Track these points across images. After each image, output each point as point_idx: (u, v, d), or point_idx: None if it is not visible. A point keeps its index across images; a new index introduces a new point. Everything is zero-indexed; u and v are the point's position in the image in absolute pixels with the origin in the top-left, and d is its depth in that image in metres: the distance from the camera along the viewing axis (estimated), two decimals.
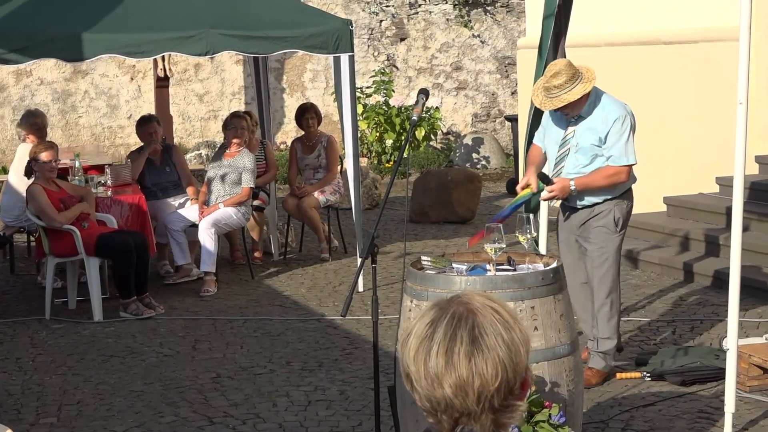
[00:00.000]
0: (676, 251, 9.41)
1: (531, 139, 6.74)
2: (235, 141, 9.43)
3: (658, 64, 11.16)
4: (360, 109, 15.01)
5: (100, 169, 10.00)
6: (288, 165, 10.67)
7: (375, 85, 16.06)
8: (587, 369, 6.07)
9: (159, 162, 9.64)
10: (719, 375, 5.97)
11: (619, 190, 6.13)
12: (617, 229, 6.13)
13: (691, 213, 9.86)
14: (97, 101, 16.45)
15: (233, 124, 9.51)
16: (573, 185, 5.95)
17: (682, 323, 7.63)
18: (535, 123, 6.81)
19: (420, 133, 15.83)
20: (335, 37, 8.69)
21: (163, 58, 12.18)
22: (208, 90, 16.87)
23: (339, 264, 9.94)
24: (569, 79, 5.85)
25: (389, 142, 15.70)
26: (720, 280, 8.44)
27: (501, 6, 17.61)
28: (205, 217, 9.11)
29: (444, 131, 17.44)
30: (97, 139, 16.31)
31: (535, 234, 5.17)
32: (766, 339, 6.56)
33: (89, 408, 6.15)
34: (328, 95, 16.56)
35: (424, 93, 5.29)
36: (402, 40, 17.45)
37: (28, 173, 8.42)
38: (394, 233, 11.46)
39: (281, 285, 9.21)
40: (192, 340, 7.55)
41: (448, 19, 17.52)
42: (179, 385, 6.51)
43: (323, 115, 11.44)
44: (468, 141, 16.64)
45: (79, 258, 8.23)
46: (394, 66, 17.38)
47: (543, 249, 7.08)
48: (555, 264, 4.83)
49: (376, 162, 15.77)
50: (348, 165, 8.97)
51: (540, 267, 4.84)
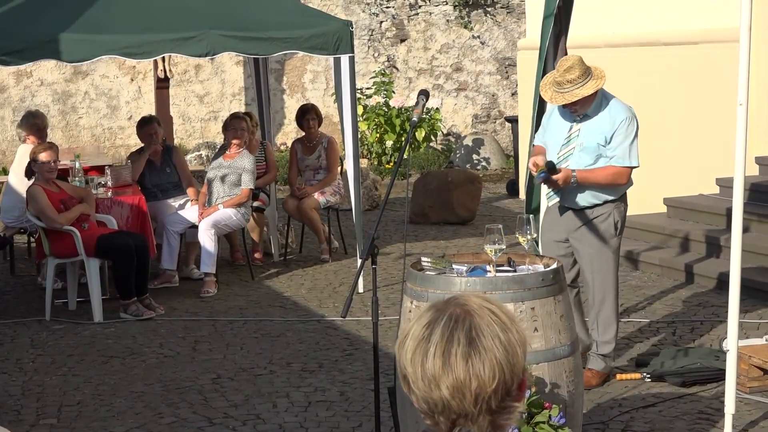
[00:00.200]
0: (676, 252, 9.41)
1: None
2: (235, 142, 9.43)
3: (658, 65, 11.16)
4: (360, 110, 15.01)
5: (100, 170, 10.00)
6: (288, 166, 10.67)
7: (375, 86, 16.07)
8: (587, 370, 6.06)
9: (159, 163, 9.64)
10: (719, 376, 5.97)
11: (619, 192, 6.13)
12: (617, 233, 6.14)
13: (692, 214, 9.86)
14: (98, 102, 16.45)
15: (233, 125, 9.51)
16: (575, 176, 5.91)
17: (682, 324, 7.63)
18: (540, 123, 6.78)
19: (420, 134, 15.84)
20: (335, 38, 8.69)
21: (164, 59, 12.18)
22: (208, 91, 16.87)
23: (339, 265, 9.94)
24: (582, 74, 5.81)
25: (389, 143, 15.70)
26: (720, 281, 8.44)
27: (501, 7, 17.62)
28: (205, 218, 9.10)
29: (444, 132, 17.44)
30: (98, 140, 16.31)
31: (535, 235, 5.16)
32: (766, 340, 6.57)
33: (89, 409, 6.15)
34: (328, 96, 16.56)
35: (424, 94, 5.29)
36: (402, 41, 17.45)
37: (28, 174, 8.42)
38: (394, 234, 11.46)
39: (281, 286, 9.21)
40: (192, 341, 7.55)
41: (448, 20, 17.52)
42: (179, 386, 6.51)
43: (323, 117, 11.43)
44: (468, 142, 16.64)
45: (80, 259, 8.23)
46: (394, 67, 17.38)
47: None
48: (555, 265, 4.83)
49: (376, 163, 15.77)
50: (348, 166, 8.97)
51: (540, 268, 4.84)
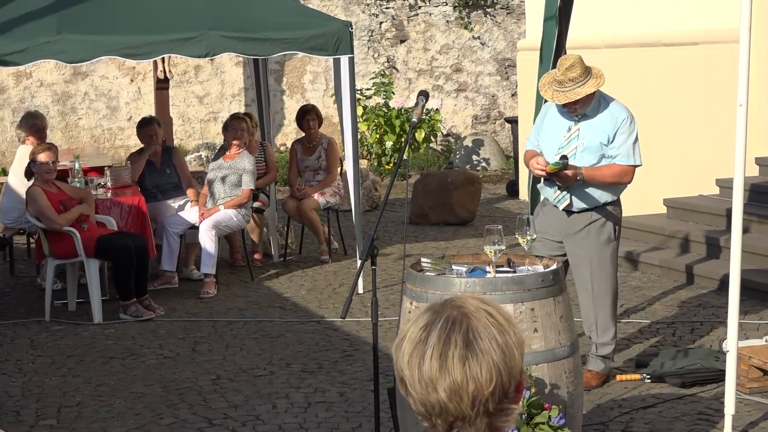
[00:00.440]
0: (676, 253, 9.41)
1: None
2: (235, 143, 9.42)
3: (658, 65, 11.16)
4: (360, 111, 15.00)
5: (99, 171, 10.00)
6: (288, 167, 10.67)
7: (375, 87, 16.06)
8: (586, 371, 6.05)
9: (159, 164, 9.63)
10: (719, 377, 5.97)
11: (618, 192, 6.11)
12: (616, 236, 6.12)
13: (692, 215, 9.85)
14: (97, 103, 16.44)
15: (233, 125, 9.51)
16: (582, 173, 5.86)
17: (682, 325, 7.63)
18: None
19: (420, 135, 15.83)
20: (335, 39, 8.69)
21: (163, 59, 12.17)
22: (208, 92, 16.87)
23: (339, 266, 9.94)
24: (583, 73, 5.77)
25: (389, 143, 15.69)
26: (720, 281, 8.44)
27: (501, 8, 17.62)
28: (206, 219, 9.10)
29: (444, 133, 17.43)
30: (97, 141, 16.30)
31: (535, 236, 5.15)
32: (766, 341, 6.56)
33: (89, 410, 6.14)
34: (328, 97, 16.56)
35: (423, 95, 5.28)
36: (402, 41, 17.45)
37: (28, 175, 8.42)
38: (393, 235, 11.45)
39: (281, 287, 9.20)
40: (192, 341, 7.55)
41: (448, 21, 17.51)
42: (179, 387, 6.51)
43: (323, 117, 11.43)
44: (468, 143, 16.63)
45: (79, 260, 8.22)
46: (394, 68, 17.38)
47: None
48: (555, 266, 4.82)
49: (376, 164, 15.77)
50: (348, 167, 8.97)
51: (540, 269, 4.83)
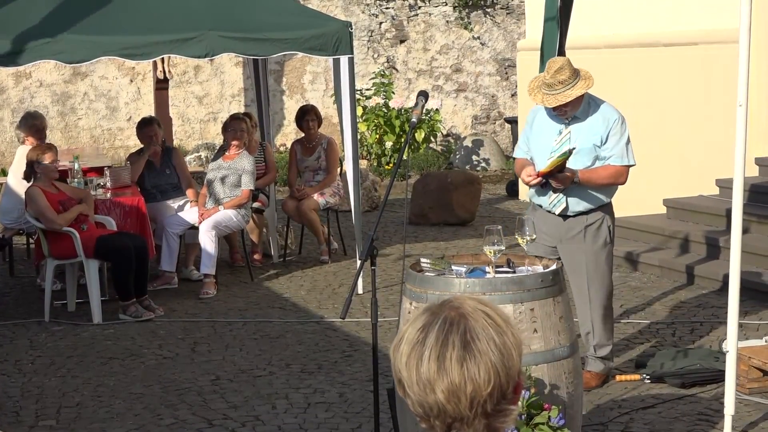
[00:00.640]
0: (675, 253, 9.40)
1: None
2: (235, 143, 9.42)
3: (658, 66, 11.15)
4: (360, 111, 14.99)
5: (99, 171, 10.00)
6: (288, 167, 10.66)
7: (375, 87, 16.05)
8: (585, 372, 6.04)
9: (159, 164, 9.62)
10: (719, 377, 5.97)
11: (612, 194, 6.06)
12: (611, 239, 6.09)
13: (691, 215, 9.85)
14: (97, 103, 16.44)
15: (232, 126, 9.50)
16: (578, 176, 5.83)
17: (681, 325, 7.63)
18: None
19: (420, 135, 15.83)
20: (335, 39, 8.68)
21: (163, 60, 12.16)
22: (207, 92, 16.86)
23: (338, 266, 9.93)
24: (572, 75, 5.74)
25: (389, 144, 15.69)
26: (720, 282, 8.44)
27: (501, 8, 17.61)
28: (206, 220, 9.10)
29: (444, 133, 17.43)
30: (97, 141, 16.30)
31: (535, 236, 5.14)
32: (765, 341, 6.56)
33: (88, 410, 6.14)
34: (327, 97, 16.55)
35: (423, 95, 5.28)
36: (402, 42, 17.44)
37: (27, 177, 8.39)
38: (393, 235, 11.45)
39: (281, 287, 9.20)
40: (191, 342, 7.54)
41: (447, 21, 17.51)
42: (178, 388, 6.50)
43: (323, 117, 11.43)
44: (468, 143, 16.63)
45: (79, 260, 8.22)
46: (393, 68, 17.37)
47: None
48: (554, 266, 4.82)
49: (375, 164, 15.76)
50: (348, 167, 8.96)
51: (539, 269, 4.83)
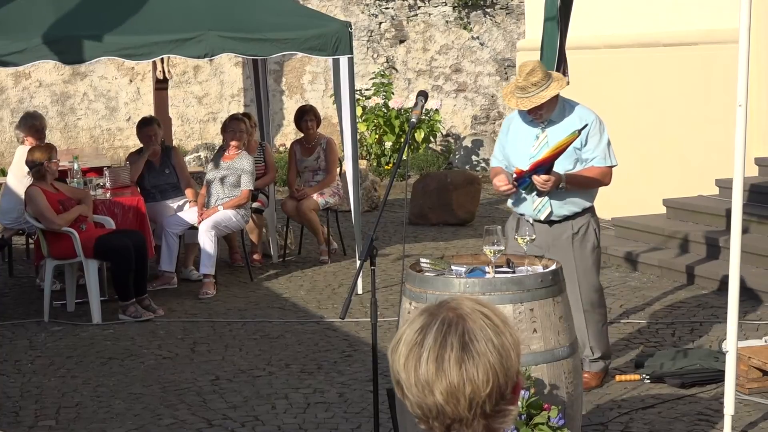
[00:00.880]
0: (675, 253, 9.40)
1: None
2: (234, 143, 9.42)
3: (657, 66, 11.15)
4: (359, 111, 14.99)
5: (98, 172, 10.00)
6: (287, 167, 10.66)
7: (374, 87, 16.05)
8: (584, 372, 6.03)
9: (158, 164, 9.62)
10: (719, 377, 5.97)
11: (594, 198, 5.96)
12: (598, 242, 6.01)
13: (691, 215, 9.85)
14: (96, 103, 16.43)
15: (232, 126, 9.50)
16: (564, 180, 5.72)
17: (681, 325, 7.62)
18: None
19: (419, 136, 15.82)
20: (334, 39, 8.68)
21: (162, 60, 12.16)
22: (207, 92, 16.86)
23: (338, 266, 9.93)
24: (544, 77, 5.65)
25: (388, 144, 15.69)
26: (719, 282, 8.43)
27: (500, 8, 17.61)
28: (205, 220, 9.09)
29: (443, 133, 17.42)
30: (96, 142, 16.29)
31: (534, 236, 5.14)
32: (765, 341, 6.56)
33: (88, 410, 6.14)
34: (327, 97, 16.55)
35: (423, 95, 5.28)
36: (401, 42, 17.44)
37: (42, 176, 8.24)
38: (393, 235, 11.45)
39: (280, 287, 9.20)
40: (191, 342, 7.54)
41: (447, 21, 17.51)
42: (178, 388, 6.50)
43: (322, 118, 11.43)
44: (467, 143, 16.63)
45: (78, 260, 8.22)
46: (393, 68, 17.37)
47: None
48: (554, 266, 4.81)
49: (375, 164, 15.76)
50: (347, 167, 8.96)
51: (539, 269, 4.82)
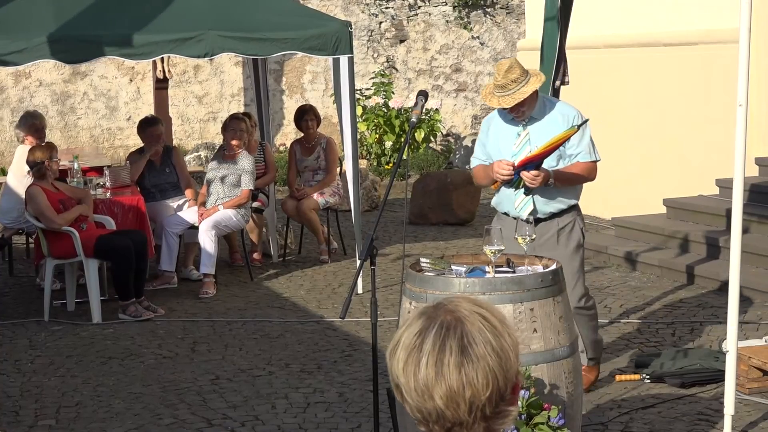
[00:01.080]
0: (675, 253, 9.40)
1: None
2: (234, 143, 9.42)
3: (657, 66, 11.15)
4: (359, 111, 14.99)
5: (98, 171, 10.00)
6: (287, 167, 10.66)
7: (374, 87, 16.05)
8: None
9: (159, 163, 9.61)
10: (719, 377, 5.97)
11: (578, 196, 5.90)
12: (584, 240, 5.95)
13: (691, 215, 9.85)
14: (96, 103, 16.43)
15: (232, 126, 9.50)
16: (552, 176, 5.64)
17: (681, 325, 7.62)
18: None
19: (419, 135, 15.82)
20: (334, 39, 8.68)
21: (162, 59, 12.17)
22: (207, 92, 16.86)
23: (338, 266, 9.93)
24: (523, 73, 5.55)
25: (389, 143, 15.69)
26: (720, 282, 8.43)
27: (501, 8, 17.61)
28: (205, 219, 9.09)
29: (443, 133, 17.42)
30: (96, 141, 16.29)
31: (534, 236, 5.14)
32: (765, 341, 6.56)
33: (88, 410, 6.14)
34: (327, 97, 16.55)
35: (423, 95, 5.27)
36: (401, 41, 17.44)
37: (42, 175, 8.25)
38: (393, 235, 11.45)
39: (280, 287, 9.19)
40: (191, 342, 7.54)
41: (447, 21, 17.51)
42: (178, 387, 6.50)
43: (322, 117, 11.42)
44: (468, 143, 16.62)
45: (78, 260, 8.21)
46: (393, 68, 17.37)
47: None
48: (554, 266, 4.81)
49: (375, 164, 15.76)
50: (347, 167, 8.96)
51: (539, 269, 4.82)
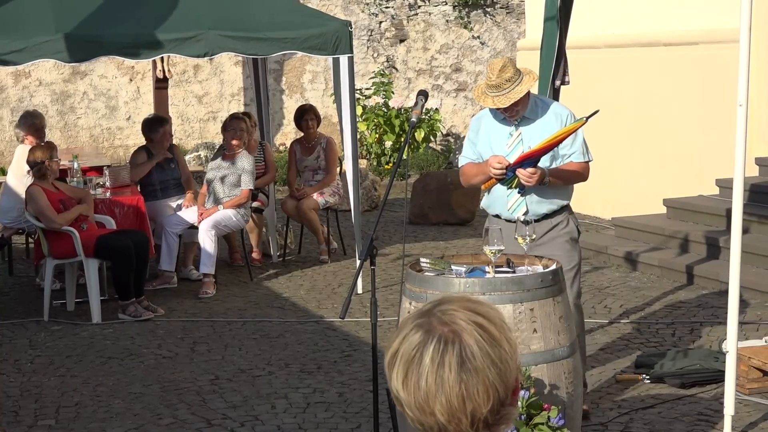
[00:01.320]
0: (675, 253, 9.40)
1: None
2: (234, 143, 9.41)
3: (658, 65, 11.14)
4: (359, 111, 14.99)
5: (98, 171, 9.99)
6: (287, 167, 10.65)
7: (374, 87, 16.05)
8: None
9: (164, 160, 9.59)
10: (719, 377, 5.96)
11: (570, 196, 5.83)
12: (578, 238, 5.89)
13: (691, 215, 9.85)
14: (96, 102, 16.43)
15: (232, 125, 9.50)
16: (548, 174, 5.55)
17: (681, 325, 7.62)
18: None
19: (419, 135, 15.82)
20: (334, 39, 8.68)
21: (162, 59, 12.16)
22: (207, 91, 16.85)
23: (338, 266, 9.93)
24: (516, 72, 5.47)
25: (389, 143, 15.68)
26: (720, 282, 8.43)
27: (501, 7, 17.60)
28: (205, 219, 9.09)
29: (443, 133, 17.42)
30: (96, 141, 16.29)
31: (534, 236, 5.13)
32: (765, 341, 6.55)
33: (87, 410, 6.13)
34: (327, 97, 16.54)
35: (423, 94, 5.26)
36: (401, 41, 17.43)
37: (43, 176, 8.24)
38: (393, 235, 11.45)
39: (280, 287, 9.19)
40: (190, 341, 7.54)
41: (447, 21, 17.50)
42: (178, 387, 6.50)
43: (322, 117, 11.42)
44: None
45: (78, 259, 8.21)
46: (393, 67, 17.36)
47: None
48: (554, 266, 4.81)
49: (375, 164, 15.75)
50: (347, 167, 8.96)
51: (539, 269, 4.82)
